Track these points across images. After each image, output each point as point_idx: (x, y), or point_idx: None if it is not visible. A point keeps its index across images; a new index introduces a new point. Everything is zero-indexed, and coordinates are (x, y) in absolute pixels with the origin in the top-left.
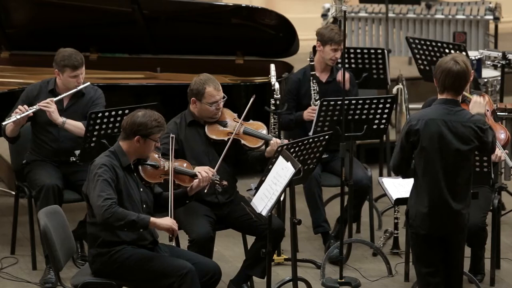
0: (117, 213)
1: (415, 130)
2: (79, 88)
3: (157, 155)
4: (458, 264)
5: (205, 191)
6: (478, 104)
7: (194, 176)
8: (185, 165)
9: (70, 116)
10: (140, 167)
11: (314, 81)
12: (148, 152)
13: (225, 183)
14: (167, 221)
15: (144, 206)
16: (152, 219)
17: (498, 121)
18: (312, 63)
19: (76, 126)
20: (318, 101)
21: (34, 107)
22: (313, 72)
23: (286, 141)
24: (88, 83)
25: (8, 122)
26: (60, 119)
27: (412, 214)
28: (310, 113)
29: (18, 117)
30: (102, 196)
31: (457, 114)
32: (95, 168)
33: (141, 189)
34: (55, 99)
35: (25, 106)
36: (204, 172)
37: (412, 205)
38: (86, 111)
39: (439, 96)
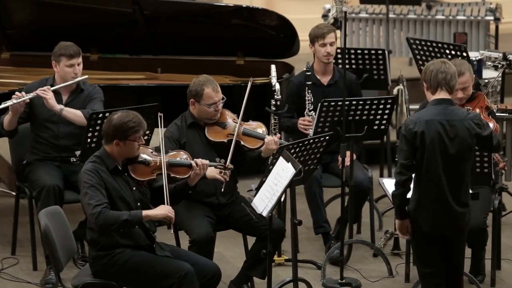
0: (108, 218)
1: (414, 133)
2: (76, 80)
3: (150, 150)
4: (458, 263)
5: (222, 190)
6: None
7: (190, 166)
8: (184, 156)
9: None
10: (129, 167)
11: (309, 91)
12: (133, 153)
13: (231, 166)
14: (161, 210)
15: (139, 204)
16: (145, 212)
17: (494, 118)
18: (309, 73)
19: (75, 113)
20: (312, 111)
21: (31, 94)
22: (309, 82)
23: (278, 136)
24: (86, 76)
25: (4, 105)
26: (57, 106)
27: (413, 214)
28: (302, 124)
29: (15, 101)
30: (91, 204)
31: (453, 113)
32: (81, 176)
33: (134, 188)
34: (52, 88)
35: (23, 92)
36: (199, 159)
37: (413, 204)
38: (84, 107)
39: (432, 98)
